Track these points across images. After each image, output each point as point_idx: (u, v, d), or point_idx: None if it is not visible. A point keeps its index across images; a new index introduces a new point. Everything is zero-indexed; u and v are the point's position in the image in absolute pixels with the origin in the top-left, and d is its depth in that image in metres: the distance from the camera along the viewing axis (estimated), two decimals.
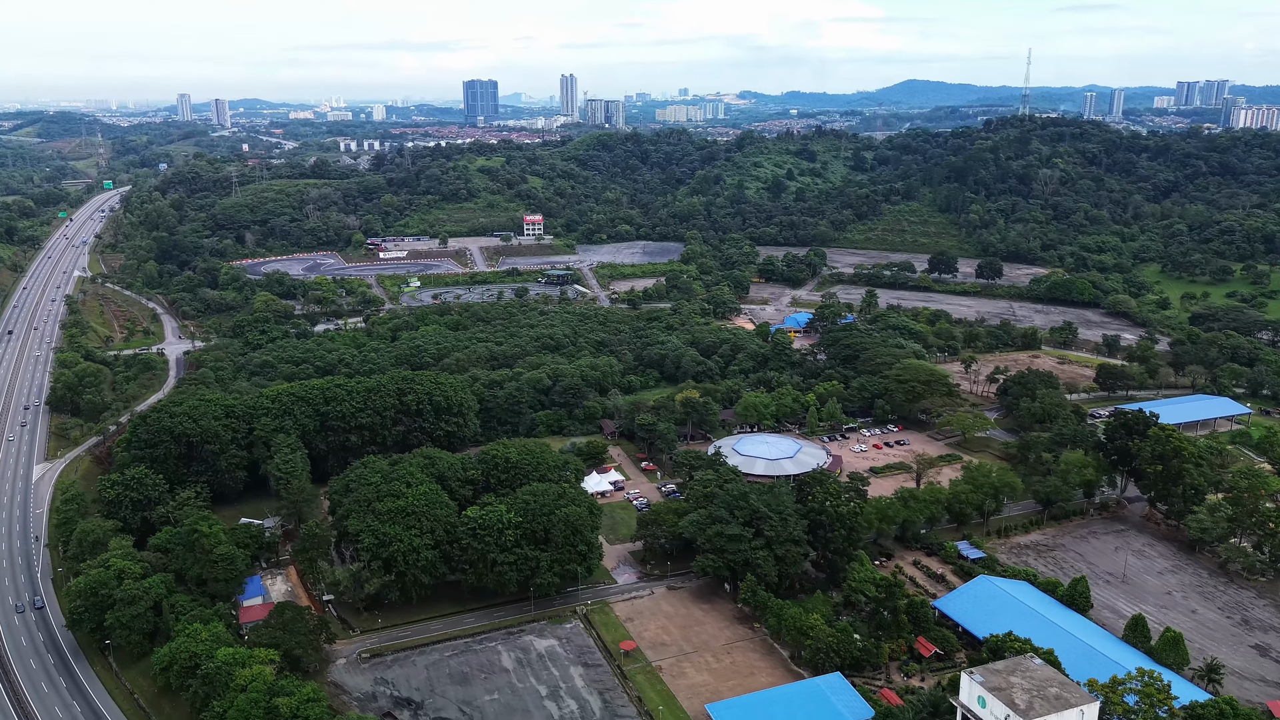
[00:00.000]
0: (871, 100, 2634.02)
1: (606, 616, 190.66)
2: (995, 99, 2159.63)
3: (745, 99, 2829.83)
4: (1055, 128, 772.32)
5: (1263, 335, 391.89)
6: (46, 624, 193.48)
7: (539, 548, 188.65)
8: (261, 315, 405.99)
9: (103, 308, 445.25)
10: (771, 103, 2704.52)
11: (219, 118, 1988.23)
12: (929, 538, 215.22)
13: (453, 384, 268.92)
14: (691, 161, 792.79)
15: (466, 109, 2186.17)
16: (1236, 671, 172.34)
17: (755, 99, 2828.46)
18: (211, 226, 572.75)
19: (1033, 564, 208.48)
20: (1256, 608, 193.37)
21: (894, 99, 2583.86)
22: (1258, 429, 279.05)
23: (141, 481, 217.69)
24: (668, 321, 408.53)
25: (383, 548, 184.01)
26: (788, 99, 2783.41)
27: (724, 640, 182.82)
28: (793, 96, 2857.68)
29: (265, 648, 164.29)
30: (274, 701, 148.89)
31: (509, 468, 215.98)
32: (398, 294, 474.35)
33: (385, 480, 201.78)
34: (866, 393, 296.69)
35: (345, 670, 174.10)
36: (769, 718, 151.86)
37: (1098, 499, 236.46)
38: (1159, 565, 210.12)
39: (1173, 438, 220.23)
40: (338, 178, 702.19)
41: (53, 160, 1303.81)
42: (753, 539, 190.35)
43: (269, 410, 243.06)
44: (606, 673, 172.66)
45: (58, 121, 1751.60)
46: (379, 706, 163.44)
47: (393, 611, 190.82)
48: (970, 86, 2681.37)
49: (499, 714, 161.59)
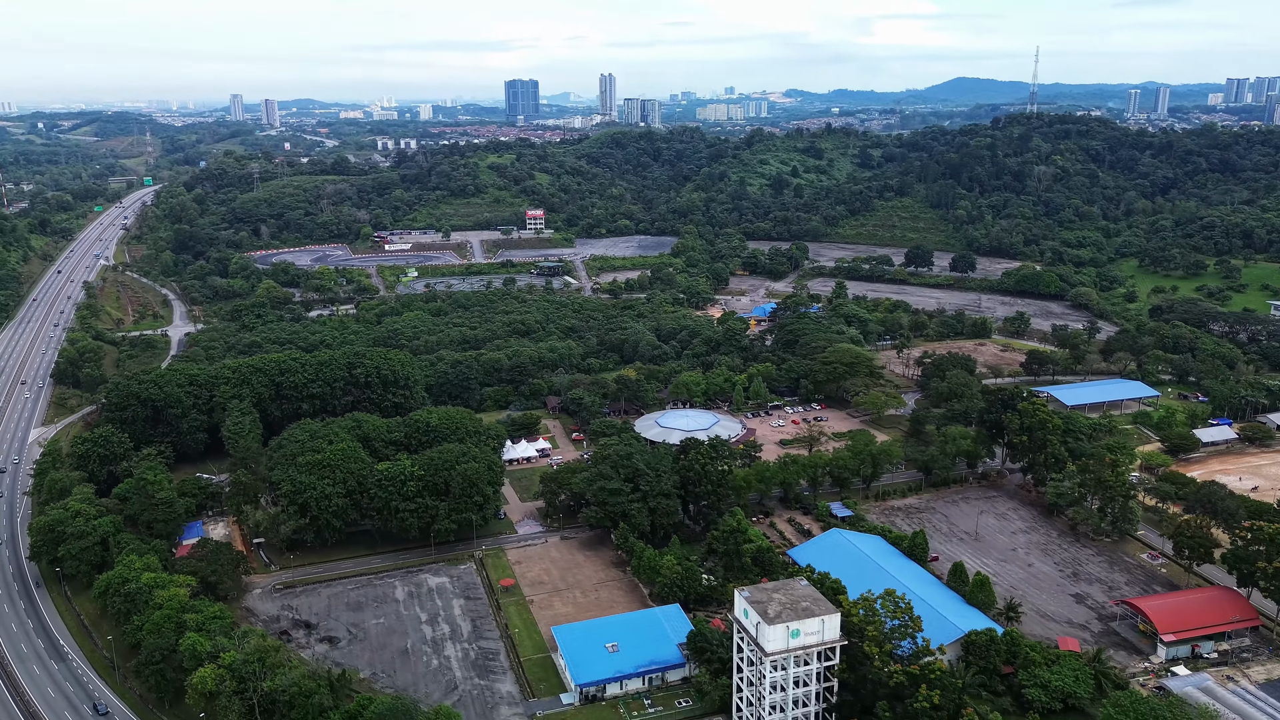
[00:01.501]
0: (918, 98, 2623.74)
1: (499, 560, 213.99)
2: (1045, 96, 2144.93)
3: (791, 97, 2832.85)
4: (1062, 125, 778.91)
5: (1215, 327, 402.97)
6: (17, 559, 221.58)
7: (438, 498, 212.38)
8: (259, 301, 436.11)
9: (119, 293, 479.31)
10: (817, 101, 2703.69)
11: (268, 117, 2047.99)
12: (809, 499, 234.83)
13: (400, 359, 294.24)
14: (700, 159, 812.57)
15: (508, 108, 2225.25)
16: (1048, 614, 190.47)
17: (801, 97, 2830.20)
18: (230, 220, 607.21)
19: (898, 523, 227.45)
20: (1091, 564, 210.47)
21: (942, 97, 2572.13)
22: (1162, 411, 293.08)
23: (108, 439, 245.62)
24: (639, 310, 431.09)
25: (299, 494, 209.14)
26: (834, 97, 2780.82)
27: (596, 580, 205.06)
28: (839, 94, 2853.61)
29: (185, 574, 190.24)
30: (183, 617, 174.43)
31: (428, 431, 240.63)
32: (394, 283, 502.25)
33: (311, 438, 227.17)
34: (794, 373, 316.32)
35: (258, 598, 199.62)
36: (604, 637, 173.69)
37: (980, 469, 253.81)
38: (1015, 526, 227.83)
39: (1038, 411, 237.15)
40: (356, 174, 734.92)
41: (105, 158, 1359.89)
42: (630, 493, 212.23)
43: (228, 379, 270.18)
44: (484, 604, 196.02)
45: (114, 121, 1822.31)
46: (279, 626, 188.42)
47: (310, 552, 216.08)
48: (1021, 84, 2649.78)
49: (380, 634, 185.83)
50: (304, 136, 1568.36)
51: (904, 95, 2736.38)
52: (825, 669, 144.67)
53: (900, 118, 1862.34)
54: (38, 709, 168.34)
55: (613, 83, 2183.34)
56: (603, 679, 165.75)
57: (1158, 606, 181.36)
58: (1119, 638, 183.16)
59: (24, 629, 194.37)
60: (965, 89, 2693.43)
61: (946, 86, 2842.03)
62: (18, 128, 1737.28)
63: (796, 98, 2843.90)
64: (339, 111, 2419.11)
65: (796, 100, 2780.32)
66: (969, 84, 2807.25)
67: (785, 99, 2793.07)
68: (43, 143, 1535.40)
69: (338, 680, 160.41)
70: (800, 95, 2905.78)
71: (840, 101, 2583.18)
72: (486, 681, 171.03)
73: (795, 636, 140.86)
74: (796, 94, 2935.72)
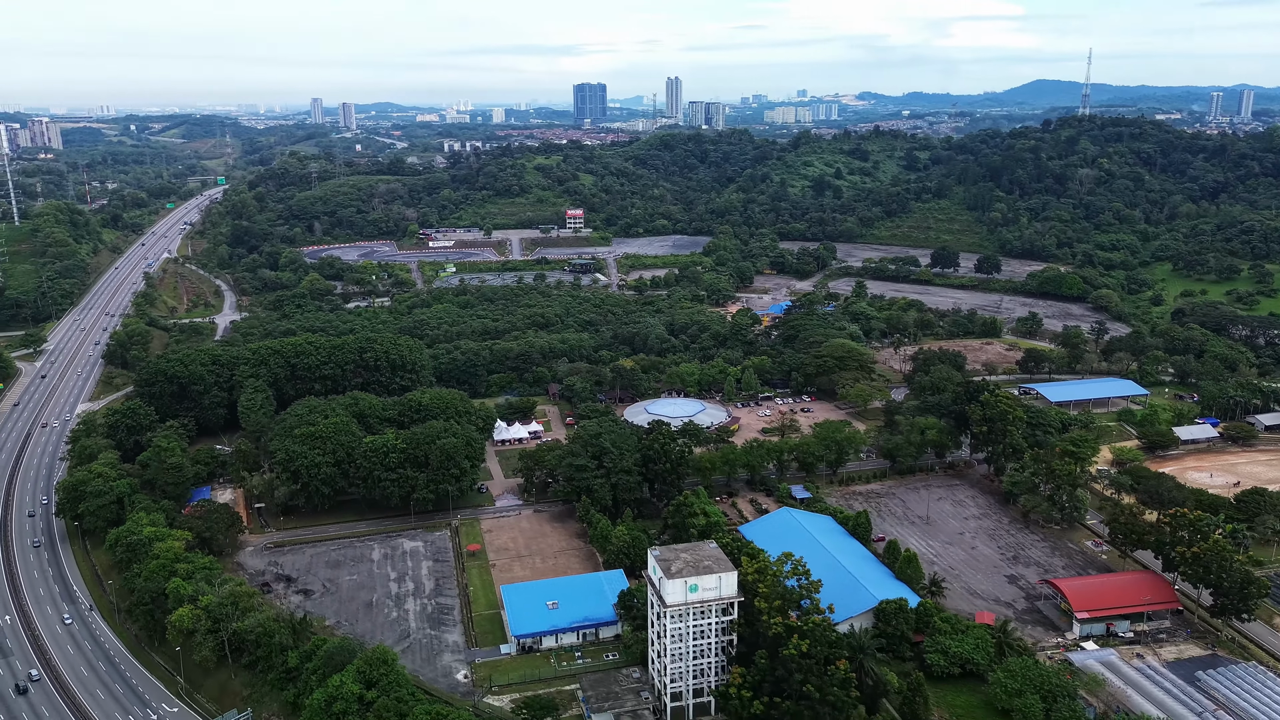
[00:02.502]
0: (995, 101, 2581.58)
1: (472, 529, 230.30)
2: (1127, 98, 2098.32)
3: (864, 100, 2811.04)
4: (1114, 128, 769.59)
5: (1235, 330, 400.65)
6: (48, 515, 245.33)
7: (418, 470, 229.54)
8: (300, 292, 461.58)
9: (177, 283, 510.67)
10: (890, 103, 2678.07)
11: (345, 120, 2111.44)
12: (774, 482, 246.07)
13: (408, 345, 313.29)
14: (746, 160, 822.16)
15: (575, 112, 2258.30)
16: (978, 592, 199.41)
17: (874, 100, 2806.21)
18: (287, 216, 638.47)
19: (856, 506, 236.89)
20: (1034, 549, 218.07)
21: (1019, 100, 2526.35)
22: (1148, 409, 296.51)
23: (135, 411, 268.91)
24: (658, 305, 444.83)
25: (291, 462, 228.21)
26: (908, 100, 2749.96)
27: (558, 549, 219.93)
28: (914, 97, 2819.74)
29: (183, 530, 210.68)
30: (175, 566, 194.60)
31: (420, 410, 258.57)
32: (432, 278, 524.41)
33: (309, 413, 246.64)
34: (786, 366, 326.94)
35: (249, 555, 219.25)
36: (547, 596, 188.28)
37: (948, 459, 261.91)
38: (969, 512, 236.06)
39: (1000, 404, 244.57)
40: (410, 174, 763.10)
41: (189, 159, 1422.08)
42: (595, 469, 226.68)
43: (248, 360, 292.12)
44: (450, 567, 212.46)
45: (200, 124, 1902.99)
46: (263, 579, 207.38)
47: (303, 516, 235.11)
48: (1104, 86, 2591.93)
49: (351, 588, 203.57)
50: (376, 139, 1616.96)
51: (981, 98, 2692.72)
52: (724, 622, 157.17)
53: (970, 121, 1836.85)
54: (45, 643, 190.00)
55: (679, 86, 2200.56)
56: (538, 631, 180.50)
57: (1075, 587, 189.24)
58: (1041, 615, 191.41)
59: (44, 575, 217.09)
60: (1044, 91, 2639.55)
61: (1025, 89, 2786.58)
62: (112, 129, 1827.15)
63: (870, 100, 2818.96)
64: (415, 115, 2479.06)
65: (870, 103, 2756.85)
66: (1048, 86, 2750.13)
67: (858, 101, 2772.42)
68: (132, 144, 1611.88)
69: (299, 624, 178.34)
70: (874, 98, 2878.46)
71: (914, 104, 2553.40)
72: (437, 632, 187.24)
73: (694, 591, 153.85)
74: (870, 96, 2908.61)
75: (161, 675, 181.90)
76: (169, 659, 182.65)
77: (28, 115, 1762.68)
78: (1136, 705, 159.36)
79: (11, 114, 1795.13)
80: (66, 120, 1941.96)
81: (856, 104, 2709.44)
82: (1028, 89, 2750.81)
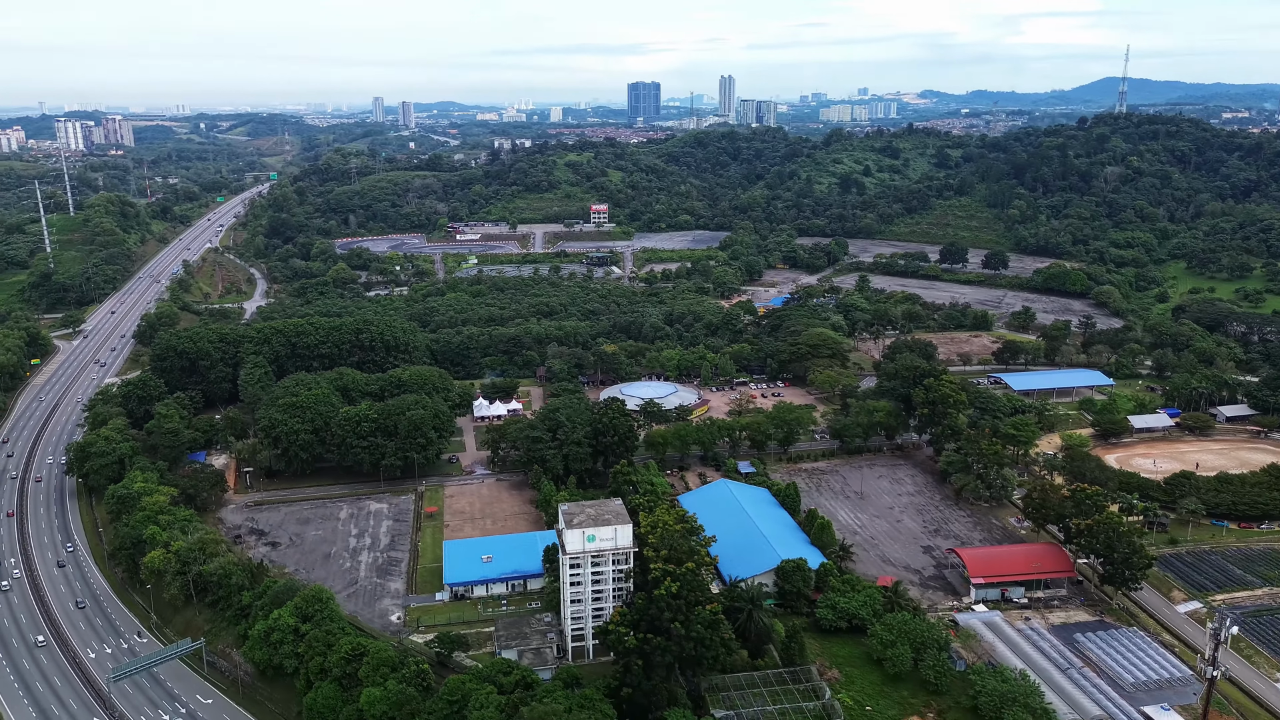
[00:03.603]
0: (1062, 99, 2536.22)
1: (436, 494, 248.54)
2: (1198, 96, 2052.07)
3: (926, 98, 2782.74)
4: (1150, 125, 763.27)
5: (1232, 326, 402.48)
6: (61, 476, 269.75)
7: (388, 438, 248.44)
8: (324, 280, 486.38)
9: (214, 271, 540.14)
10: (952, 101, 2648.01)
11: (404, 119, 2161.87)
12: (723, 458, 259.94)
13: (403, 327, 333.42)
14: (777, 158, 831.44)
15: (629, 110, 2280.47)
16: (890, 560, 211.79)
17: (936, 98, 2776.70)
18: (324, 210, 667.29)
19: (799, 482, 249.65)
20: (958, 524, 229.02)
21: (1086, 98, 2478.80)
22: (1113, 399, 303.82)
23: (145, 383, 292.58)
24: (662, 297, 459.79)
25: (272, 429, 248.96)
26: (971, 98, 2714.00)
27: (510, 513, 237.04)
28: (978, 95, 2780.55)
29: (169, 487, 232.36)
30: (158, 517, 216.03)
31: (399, 385, 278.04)
32: (454, 269, 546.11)
33: (296, 385, 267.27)
34: (763, 353, 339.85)
35: (230, 512, 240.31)
36: (483, 551, 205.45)
37: (898, 440, 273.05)
38: (905, 489, 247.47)
39: (942, 388, 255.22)
40: (447, 170, 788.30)
41: (250, 155, 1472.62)
42: (549, 441, 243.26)
43: (251, 339, 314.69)
44: (408, 525, 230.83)
45: (265, 122, 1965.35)
46: (238, 532, 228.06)
47: (285, 480, 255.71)
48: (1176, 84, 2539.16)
49: (314, 542, 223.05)
50: (431, 137, 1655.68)
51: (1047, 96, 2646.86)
52: (620, 570, 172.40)
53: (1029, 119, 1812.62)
54: (40, 581, 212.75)
55: (731, 84, 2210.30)
56: (470, 581, 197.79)
57: (975, 555, 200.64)
58: (945, 582, 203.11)
59: (50, 525, 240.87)
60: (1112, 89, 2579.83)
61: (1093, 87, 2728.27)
62: (182, 127, 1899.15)
63: (931, 99, 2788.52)
64: (475, 114, 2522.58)
65: (931, 101, 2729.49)
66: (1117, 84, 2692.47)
67: (920, 100, 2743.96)
68: (200, 141, 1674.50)
69: (256, 569, 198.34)
70: (935, 96, 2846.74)
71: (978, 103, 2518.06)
72: (382, 580, 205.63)
73: (591, 540, 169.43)
74: (932, 95, 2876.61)
75: (138, 612, 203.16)
76: (146, 598, 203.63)
77: (104, 114, 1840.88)
78: (1004, 659, 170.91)
79: (90, 113, 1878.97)
80: (141, 119, 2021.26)
81: (918, 102, 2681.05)
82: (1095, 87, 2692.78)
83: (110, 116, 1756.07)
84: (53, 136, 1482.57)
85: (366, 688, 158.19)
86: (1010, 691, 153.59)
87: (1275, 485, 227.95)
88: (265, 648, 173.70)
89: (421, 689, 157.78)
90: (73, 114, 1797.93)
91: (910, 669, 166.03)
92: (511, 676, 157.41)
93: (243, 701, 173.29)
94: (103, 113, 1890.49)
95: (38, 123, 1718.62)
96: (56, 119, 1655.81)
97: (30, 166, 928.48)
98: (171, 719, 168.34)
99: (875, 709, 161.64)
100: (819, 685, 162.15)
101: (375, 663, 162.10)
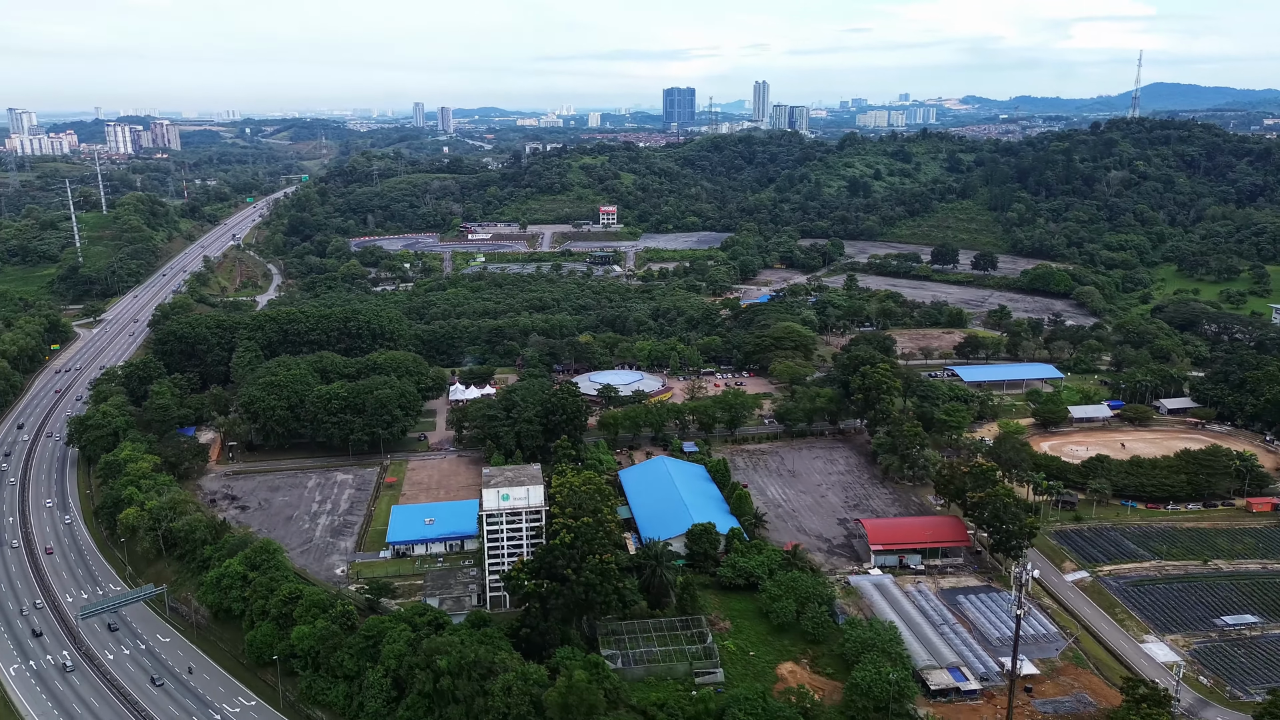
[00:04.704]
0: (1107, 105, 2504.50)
1: (400, 467, 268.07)
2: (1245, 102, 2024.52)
3: (968, 103, 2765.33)
4: (1163, 130, 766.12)
5: (1206, 326, 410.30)
6: (64, 448, 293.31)
7: (356, 415, 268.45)
8: (333, 276, 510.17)
9: (234, 267, 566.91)
10: (995, 107, 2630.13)
11: (443, 124, 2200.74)
12: (671, 439, 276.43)
13: (389, 317, 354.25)
14: (791, 161, 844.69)
15: (665, 116, 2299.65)
16: (805, 530, 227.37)
17: (978, 104, 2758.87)
18: (344, 210, 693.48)
19: (739, 461, 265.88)
20: (878, 500, 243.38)
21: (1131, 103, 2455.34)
22: (1058, 391, 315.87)
23: (146, 365, 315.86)
24: (653, 294, 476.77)
25: (251, 405, 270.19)
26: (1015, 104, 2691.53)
27: (463, 484, 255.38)
28: (1021, 101, 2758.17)
29: (152, 455, 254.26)
30: (140, 481, 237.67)
31: (375, 368, 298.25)
32: (462, 266, 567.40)
33: (278, 367, 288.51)
34: (730, 345, 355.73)
35: (210, 480, 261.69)
36: (427, 515, 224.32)
37: (841, 425, 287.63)
38: (837, 469, 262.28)
39: (877, 373, 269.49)
40: (467, 173, 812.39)
41: (290, 159, 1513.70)
42: (504, 419, 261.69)
43: (246, 325, 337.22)
44: (368, 494, 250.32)
45: (307, 127, 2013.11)
46: (213, 497, 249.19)
47: (265, 453, 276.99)
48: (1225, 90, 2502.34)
49: (280, 507, 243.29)
50: (466, 141, 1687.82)
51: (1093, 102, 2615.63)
52: (534, 527, 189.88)
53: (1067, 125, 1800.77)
54: (33, 536, 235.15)
55: (765, 89, 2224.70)
56: (410, 540, 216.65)
57: (876, 525, 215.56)
58: (851, 549, 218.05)
59: (50, 491, 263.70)
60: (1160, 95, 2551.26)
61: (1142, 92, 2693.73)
62: (229, 132, 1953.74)
63: (973, 104, 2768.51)
64: (516, 119, 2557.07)
65: (973, 107, 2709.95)
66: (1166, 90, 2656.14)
67: (961, 105, 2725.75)
68: (244, 145, 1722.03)
69: (219, 526, 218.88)
70: (978, 102, 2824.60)
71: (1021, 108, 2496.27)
72: (334, 540, 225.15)
73: (505, 499, 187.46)
74: (974, 100, 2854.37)
75: (116, 565, 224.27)
76: (124, 553, 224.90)
77: (154, 119, 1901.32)
78: (883, 614, 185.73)
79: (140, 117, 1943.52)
80: (191, 124, 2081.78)
81: (959, 108, 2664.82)
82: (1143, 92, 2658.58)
83: (158, 121, 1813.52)
84: (103, 140, 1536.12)
85: (298, 626, 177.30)
86: (872, 639, 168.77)
87: (1183, 469, 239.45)
88: (216, 592, 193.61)
89: (346, 627, 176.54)
90: (124, 119, 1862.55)
91: (793, 621, 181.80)
92: (425, 617, 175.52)
93: (197, 640, 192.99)
94: (153, 118, 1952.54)
95: (90, 127, 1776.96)
96: (107, 123, 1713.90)
97: (74, 168, 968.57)
98: (133, 653, 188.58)
99: (757, 654, 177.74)
100: (705, 632, 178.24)
101: (308, 604, 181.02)
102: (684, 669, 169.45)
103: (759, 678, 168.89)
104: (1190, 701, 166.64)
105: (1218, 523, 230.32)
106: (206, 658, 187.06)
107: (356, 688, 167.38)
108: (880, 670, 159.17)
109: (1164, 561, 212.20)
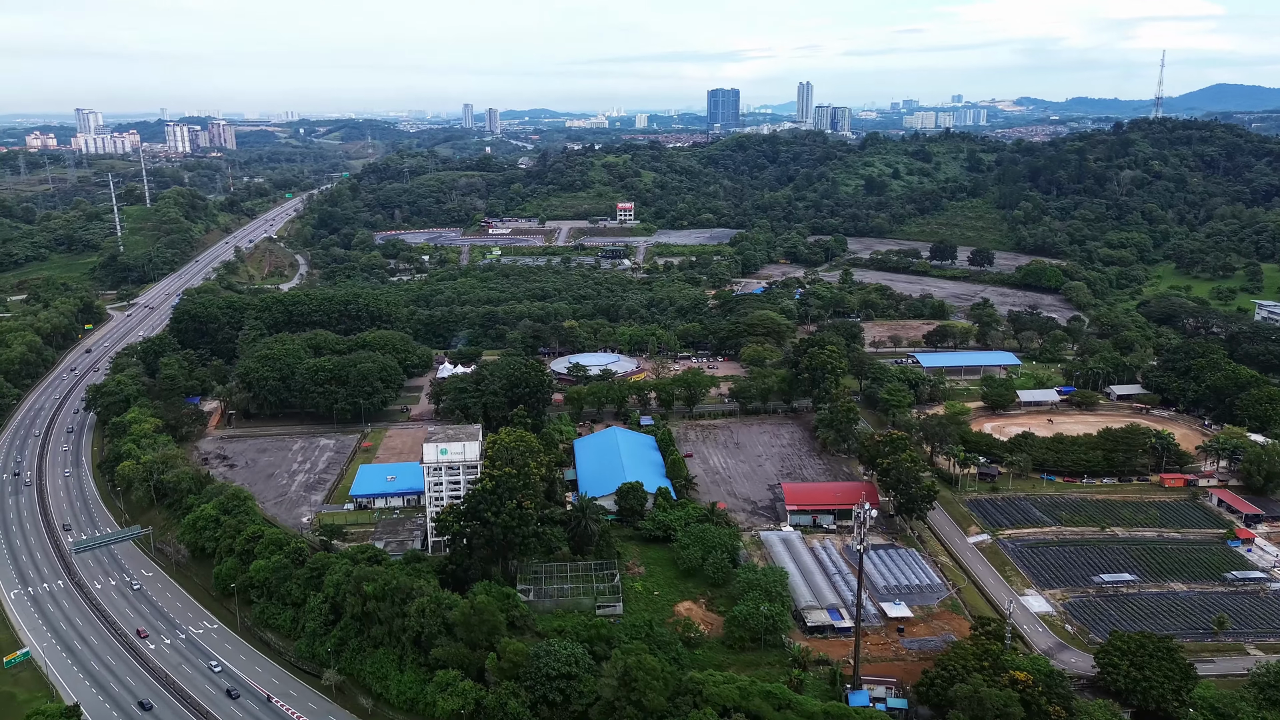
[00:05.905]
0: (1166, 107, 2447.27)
1: (379, 435, 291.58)
2: None
3: (1021, 105, 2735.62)
4: (1184, 130, 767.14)
5: (1188, 321, 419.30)
6: (84, 413, 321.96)
7: (340, 386, 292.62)
8: (352, 266, 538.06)
9: (264, 258, 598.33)
10: (1051, 109, 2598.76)
11: (490, 125, 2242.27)
12: (631, 413, 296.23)
13: (388, 300, 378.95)
14: (813, 161, 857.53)
15: (709, 117, 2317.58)
16: (737, 494, 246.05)
17: (1033, 105, 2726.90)
18: (373, 205, 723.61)
19: (690, 434, 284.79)
20: (811, 470, 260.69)
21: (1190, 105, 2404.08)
22: (1010, 376, 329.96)
23: (161, 340, 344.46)
24: (652, 285, 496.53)
25: (246, 375, 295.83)
26: (1070, 105, 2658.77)
27: None
28: (1078, 102, 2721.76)
29: (154, 418, 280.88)
30: (141, 440, 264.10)
31: (363, 344, 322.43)
32: (479, 259, 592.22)
33: (275, 343, 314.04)
34: (707, 330, 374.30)
35: (206, 442, 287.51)
36: (390, 473, 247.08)
37: (795, 405, 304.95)
38: (781, 442, 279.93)
39: (823, 355, 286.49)
40: (495, 170, 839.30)
41: (338, 158, 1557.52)
42: (473, 391, 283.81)
43: (255, 306, 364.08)
44: (344, 456, 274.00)
45: (358, 127, 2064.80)
46: (207, 457, 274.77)
47: (260, 420, 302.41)
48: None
49: (265, 466, 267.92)
50: (510, 142, 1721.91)
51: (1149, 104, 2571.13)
52: (470, 479, 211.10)
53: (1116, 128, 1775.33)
54: (46, 487, 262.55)
55: (809, 90, 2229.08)
56: (370, 494, 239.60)
57: (793, 488, 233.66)
58: (774, 510, 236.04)
59: (67, 449, 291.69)
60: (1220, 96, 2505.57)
61: (1201, 94, 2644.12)
62: (283, 132, 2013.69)
63: (1028, 106, 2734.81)
64: (565, 120, 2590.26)
65: (1027, 108, 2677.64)
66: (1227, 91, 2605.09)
67: (1015, 107, 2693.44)
68: (296, 145, 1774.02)
69: (203, 478, 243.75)
70: (1032, 103, 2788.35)
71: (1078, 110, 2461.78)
72: (306, 494, 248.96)
73: (444, 454, 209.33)
74: (1029, 101, 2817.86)
75: (116, 512, 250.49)
76: (122, 501, 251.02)
77: (213, 119, 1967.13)
78: (782, 562, 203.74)
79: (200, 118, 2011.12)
80: (250, 124, 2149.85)
81: (1012, 109, 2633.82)
82: (1203, 94, 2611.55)
83: (215, 121, 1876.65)
84: (164, 140, 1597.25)
85: (256, 560, 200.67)
86: (758, 580, 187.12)
87: (1100, 446, 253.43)
88: (193, 533, 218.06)
89: (297, 562, 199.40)
90: (186, 119, 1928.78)
91: (699, 567, 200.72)
92: (366, 554, 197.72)
93: (175, 576, 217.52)
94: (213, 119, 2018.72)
95: (153, 127, 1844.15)
96: (168, 124, 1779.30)
97: (130, 165, 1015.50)
98: (118, 584, 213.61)
99: (661, 594, 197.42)
100: (615, 574, 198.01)
101: (267, 543, 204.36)
102: (589, 603, 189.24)
103: (657, 613, 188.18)
104: (1050, 645, 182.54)
105: (1128, 495, 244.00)
106: (181, 589, 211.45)
107: (302, 613, 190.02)
108: (758, 606, 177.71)
109: (1063, 527, 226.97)
